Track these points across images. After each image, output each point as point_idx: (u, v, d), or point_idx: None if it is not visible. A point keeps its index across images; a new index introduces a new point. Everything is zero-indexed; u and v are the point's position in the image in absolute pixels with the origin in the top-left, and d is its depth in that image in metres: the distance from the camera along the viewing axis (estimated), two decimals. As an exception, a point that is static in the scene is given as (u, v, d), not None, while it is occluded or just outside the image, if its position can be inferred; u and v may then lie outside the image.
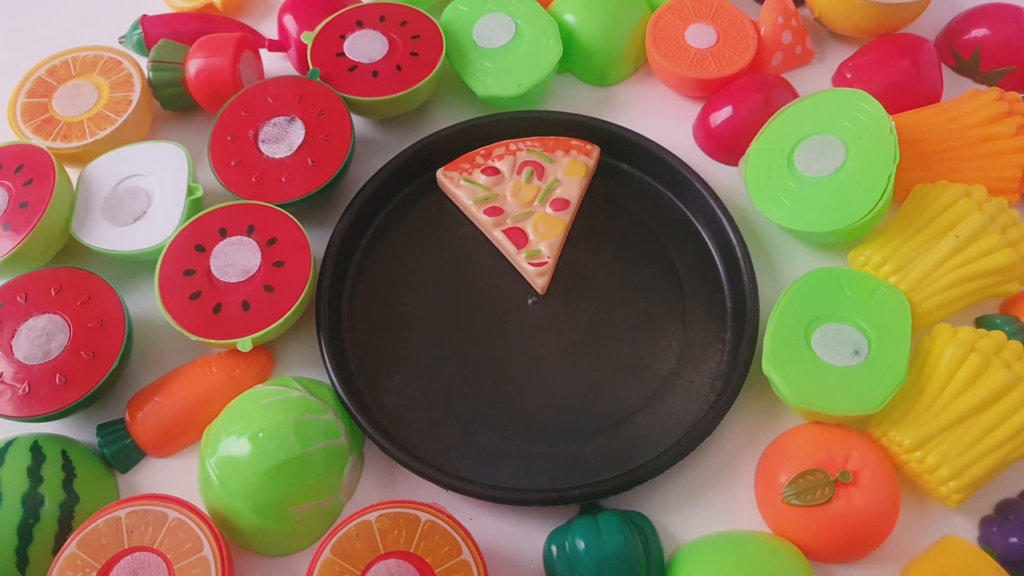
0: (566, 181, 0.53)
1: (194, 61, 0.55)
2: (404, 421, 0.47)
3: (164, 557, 0.40)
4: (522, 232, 0.51)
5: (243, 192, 0.50)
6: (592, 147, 0.54)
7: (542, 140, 0.55)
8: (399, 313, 0.50)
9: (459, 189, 0.53)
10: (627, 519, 0.42)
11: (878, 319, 0.45)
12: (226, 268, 0.48)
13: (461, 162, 0.54)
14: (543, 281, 0.50)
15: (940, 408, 0.43)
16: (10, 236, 0.48)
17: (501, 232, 0.51)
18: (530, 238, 0.51)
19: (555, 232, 0.51)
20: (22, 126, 0.54)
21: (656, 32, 0.58)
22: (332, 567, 0.39)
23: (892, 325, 0.45)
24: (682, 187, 0.53)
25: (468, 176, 0.53)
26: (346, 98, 0.54)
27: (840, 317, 0.46)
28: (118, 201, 0.51)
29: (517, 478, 0.45)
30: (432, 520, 0.41)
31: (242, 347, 0.46)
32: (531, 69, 0.56)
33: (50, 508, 0.42)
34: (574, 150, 0.54)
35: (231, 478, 0.42)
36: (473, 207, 0.52)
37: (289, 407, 0.43)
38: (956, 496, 0.42)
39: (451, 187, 0.53)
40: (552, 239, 0.51)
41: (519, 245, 0.51)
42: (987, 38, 0.58)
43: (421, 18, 0.57)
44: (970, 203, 0.48)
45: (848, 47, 0.60)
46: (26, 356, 0.45)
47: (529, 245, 0.51)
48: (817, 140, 0.51)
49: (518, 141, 0.55)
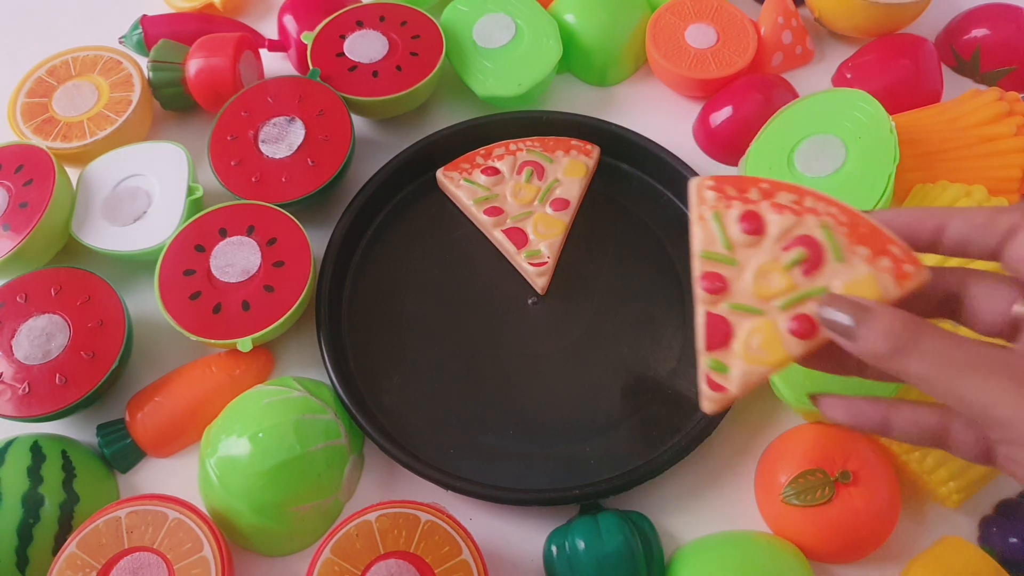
0: (566, 181, 0.53)
1: (194, 61, 0.55)
2: (404, 421, 0.47)
3: (164, 557, 0.40)
4: (522, 232, 0.51)
5: (243, 192, 0.50)
6: (592, 147, 0.54)
7: (542, 140, 0.54)
8: (399, 313, 0.50)
9: (459, 189, 0.53)
10: (627, 519, 0.42)
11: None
12: (226, 268, 0.48)
13: (461, 162, 0.54)
14: (543, 281, 0.50)
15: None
16: (10, 236, 0.48)
17: (501, 232, 0.51)
18: (530, 238, 0.51)
19: (555, 232, 0.51)
20: (22, 126, 0.54)
21: (656, 32, 0.58)
22: (332, 567, 0.39)
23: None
24: (682, 187, 0.53)
25: (468, 176, 0.53)
26: (346, 98, 0.54)
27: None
28: (118, 201, 0.51)
29: (517, 478, 0.45)
30: (432, 520, 0.41)
31: (242, 347, 0.46)
32: (531, 69, 0.56)
33: (50, 508, 0.42)
34: (574, 150, 0.54)
35: (231, 478, 0.42)
36: (473, 207, 0.52)
37: (289, 407, 0.43)
38: (956, 496, 0.42)
39: (451, 187, 0.53)
40: (552, 239, 0.51)
41: (519, 245, 0.51)
42: (987, 38, 0.58)
43: (421, 18, 0.57)
44: (970, 203, 0.48)
45: (848, 47, 0.61)
46: (26, 356, 0.45)
47: (529, 245, 0.51)
48: (817, 140, 0.51)
49: (518, 141, 0.54)
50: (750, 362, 0.33)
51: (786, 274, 0.33)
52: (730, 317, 0.33)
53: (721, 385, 0.33)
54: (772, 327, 0.33)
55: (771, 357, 0.33)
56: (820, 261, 0.33)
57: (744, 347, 0.33)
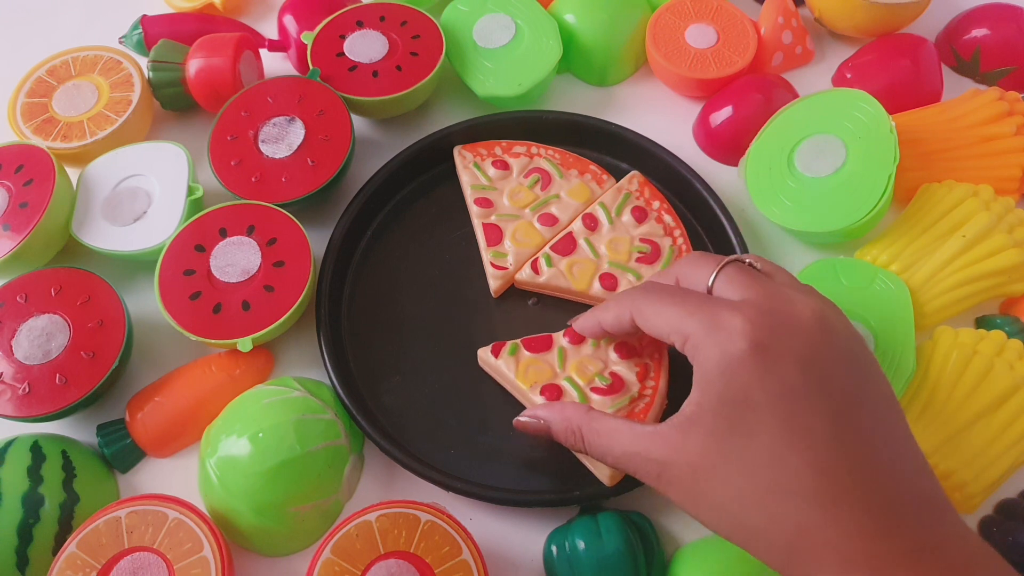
0: (565, 200, 0.52)
1: (194, 61, 0.55)
2: (404, 421, 0.47)
3: (164, 557, 0.40)
4: (499, 231, 0.51)
5: (243, 192, 0.50)
6: (608, 177, 0.53)
7: (563, 154, 0.54)
8: (399, 313, 0.50)
9: (465, 171, 0.53)
10: (627, 519, 0.42)
11: (880, 310, 0.45)
12: (226, 268, 0.48)
13: (480, 147, 0.54)
14: (495, 285, 0.50)
15: (949, 415, 0.43)
16: (10, 236, 0.48)
17: (481, 223, 0.51)
18: (504, 241, 0.51)
19: (530, 243, 0.51)
20: (22, 126, 0.54)
21: (656, 32, 0.58)
22: (332, 567, 0.39)
23: (895, 316, 0.45)
24: (682, 187, 0.53)
25: (479, 162, 0.53)
26: (346, 98, 0.54)
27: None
28: (118, 201, 0.51)
29: (517, 479, 0.45)
30: (432, 520, 0.41)
31: (242, 347, 0.46)
32: (531, 69, 0.56)
33: (50, 508, 0.42)
34: (589, 174, 0.53)
35: (231, 478, 0.42)
36: (469, 191, 0.52)
37: (289, 407, 0.43)
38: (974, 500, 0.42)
39: (460, 165, 0.53)
40: (522, 249, 0.50)
41: (490, 242, 0.51)
42: (987, 38, 0.58)
43: (421, 18, 0.57)
44: (977, 203, 0.48)
45: (848, 47, 0.61)
46: (26, 356, 0.45)
47: (499, 246, 0.51)
48: (817, 140, 0.51)
49: (542, 146, 0.54)
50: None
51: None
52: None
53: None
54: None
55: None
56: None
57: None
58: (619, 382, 0.44)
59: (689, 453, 0.33)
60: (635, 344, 0.45)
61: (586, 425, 0.37)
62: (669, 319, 0.35)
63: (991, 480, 0.42)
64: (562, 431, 0.39)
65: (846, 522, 0.30)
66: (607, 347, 0.46)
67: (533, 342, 0.46)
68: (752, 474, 0.32)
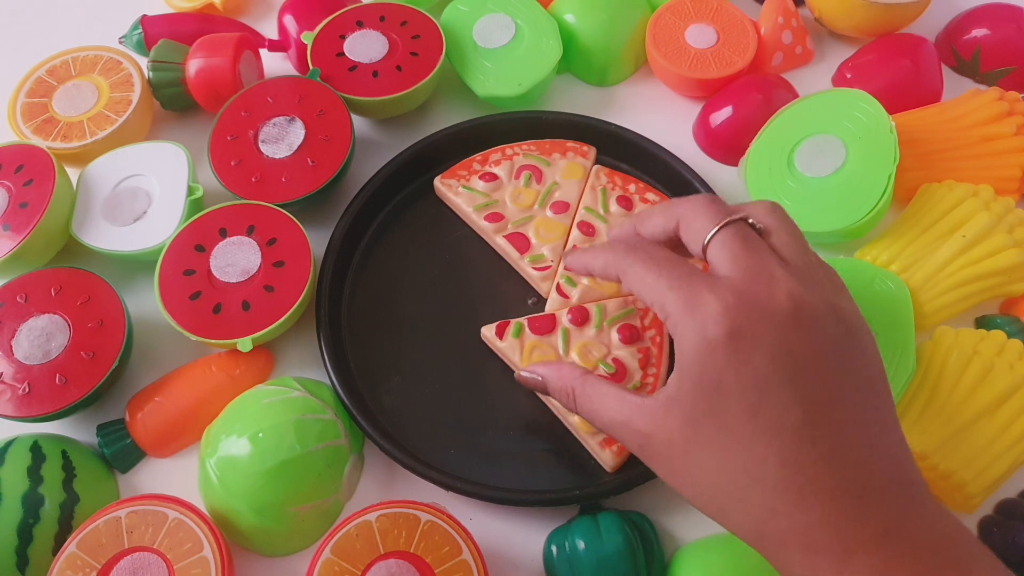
0: (565, 184, 0.53)
1: (194, 61, 0.55)
2: (404, 421, 0.47)
3: (164, 557, 0.40)
4: (524, 237, 0.51)
5: (243, 192, 0.50)
6: (588, 148, 0.54)
7: (538, 143, 0.54)
8: (399, 313, 0.50)
9: (458, 196, 0.53)
10: (627, 519, 0.42)
11: (880, 310, 0.45)
12: (226, 268, 0.48)
13: (458, 169, 0.54)
14: (548, 285, 0.50)
15: (949, 415, 0.43)
16: (10, 236, 0.48)
17: (503, 238, 0.51)
18: (532, 242, 0.51)
19: (556, 235, 0.51)
20: (22, 126, 0.54)
21: (656, 32, 0.58)
22: (332, 567, 0.39)
23: (895, 316, 0.45)
24: (682, 187, 0.53)
25: (466, 183, 0.53)
26: (346, 98, 0.54)
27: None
28: (118, 201, 0.51)
29: (517, 478, 0.45)
30: (432, 520, 0.41)
31: (242, 347, 0.46)
32: (531, 69, 0.56)
33: (50, 508, 0.42)
34: (571, 152, 0.54)
35: (231, 478, 0.42)
36: (473, 214, 0.52)
37: (289, 407, 0.43)
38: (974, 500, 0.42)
39: (450, 195, 0.53)
40: (554, 243, 0.51)
41: (522, 250, 0.51)
42: (987, 38, 0.58)
43: (421, 18, 0.57)
44: (977, 203, 0.48)
45: (848, 47, 0.61)
46: (26, 356, 0.45)
47: (532, 250, 0.51)
48: (817, 140, 0.51)
49: (514, 145, 0.54)
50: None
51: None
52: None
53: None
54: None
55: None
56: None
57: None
58: (622, 370, 0.46)
59: (670, 431, 0.34)
60: (637, 326, 0.47)
61: (579, 387, 0.38)
62: (652, 289, 0.35)
63: (991, 480, 0.42)
64: (557, 389, 0.40)
65: (812, 511, 0.31)
66: (610, 329, 0.47)
67: (537, 322, 0.47)
68: (723, 460, 0.33)
